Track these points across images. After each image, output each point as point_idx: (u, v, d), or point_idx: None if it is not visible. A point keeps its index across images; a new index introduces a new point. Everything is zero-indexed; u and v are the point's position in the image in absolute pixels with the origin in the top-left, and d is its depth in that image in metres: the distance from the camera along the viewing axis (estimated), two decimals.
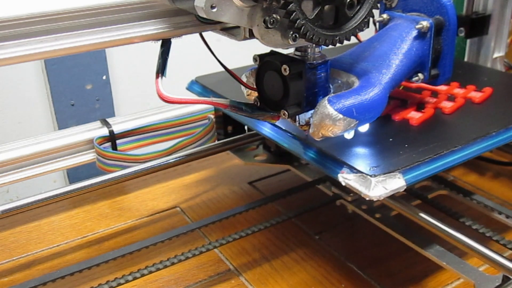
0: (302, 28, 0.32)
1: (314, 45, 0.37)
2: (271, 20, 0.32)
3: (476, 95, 0.50)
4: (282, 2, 0.31)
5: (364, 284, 0.49)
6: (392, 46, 0.43)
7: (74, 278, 0.48)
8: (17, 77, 0.84)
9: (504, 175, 0.66)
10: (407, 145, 0.41)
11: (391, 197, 0.47)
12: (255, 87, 0.39)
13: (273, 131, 0.46)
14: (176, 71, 0.57)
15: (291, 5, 0.31)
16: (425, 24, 0.43)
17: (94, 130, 0.59)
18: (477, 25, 0.66)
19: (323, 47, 0.38)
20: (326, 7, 0.34)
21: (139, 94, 0.96)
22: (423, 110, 0.47)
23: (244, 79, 0.41)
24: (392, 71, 0.41)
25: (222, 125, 0.62)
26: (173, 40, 0.37)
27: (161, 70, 0.37)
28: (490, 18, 0.66)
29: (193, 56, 0.76)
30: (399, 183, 0.37)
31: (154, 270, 0.45)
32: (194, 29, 0.37)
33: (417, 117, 0.46)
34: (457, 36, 0.65)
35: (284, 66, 0.35)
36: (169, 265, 0.46)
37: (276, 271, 0.50)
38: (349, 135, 0.42)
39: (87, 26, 0.33)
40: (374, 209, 0.52)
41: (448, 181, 0.57)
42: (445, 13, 0.44)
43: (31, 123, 0.88)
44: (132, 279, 0.45)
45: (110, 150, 0.59)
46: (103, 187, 0.52)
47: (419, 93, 0.51)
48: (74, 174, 0.90)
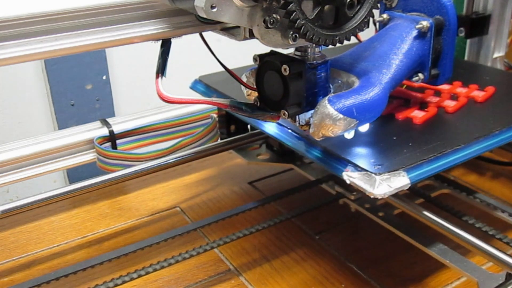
0: (302, 28, 0.32)
1: (314, 45, 0.37)
2: (271, 20, 0.32)
3: (479, 94, 0.50)
4: (282, 2, 0.31)
5: (364, 284, 0.49)
6: (392, 46, 0.43)
7: (75, 278, 0.48)
8: (17, 77, 0.84)
9: (504, 175, 0.66)
10: (411, 144, 0.41)
11: (394, 196, 0.47)
12: (255, 87, 0.39)
13: (278, 130, 0.46)
14: (177, 71, 0.57)
15: (291, 5, 0.31)
16: (425, 24, 0.43)
17: (94, 130, 0.59)
18: (477, 25, 0.66)
19: (323, 47, 0.38)
20: (326, 7, 0.34)
21: (139, 94, 0.95)
22: (426, 109, 0.47)
23: (244, 79, 0.41)
24: (392, 71, 0.41)
25: (225, 124, 0.62)
26: (174, 40, 0.37)
27: (161, 70, 0.37)
28: (490, 18, 0.66)
29: (194, 56, 0.76)
30: (404, 181, 0.37)
31: (152, 271, 0.45)
32: (194, 29, 0.37)
33: (420, 116, 0.46)
34: (457, 36, 0.65)
35: (284, 66, 0.35)
36: (169, 266, 0.46)
37: (276, 271, 0.50)
38: (349, 135, 0.42)
39: (87, 26, 0.33)
40: (377, 208, 0.52)
41: (451, 180, 0.56)
42: (445, 13, 0.44)
43: (31, 123, 0.88)
44: (131, 279, 0.44)
45: (111, 150, 0.59)
46: (103, 187, 0.52)
47: (422, 92, 0.51)
48: (74, 174, 0.90)
